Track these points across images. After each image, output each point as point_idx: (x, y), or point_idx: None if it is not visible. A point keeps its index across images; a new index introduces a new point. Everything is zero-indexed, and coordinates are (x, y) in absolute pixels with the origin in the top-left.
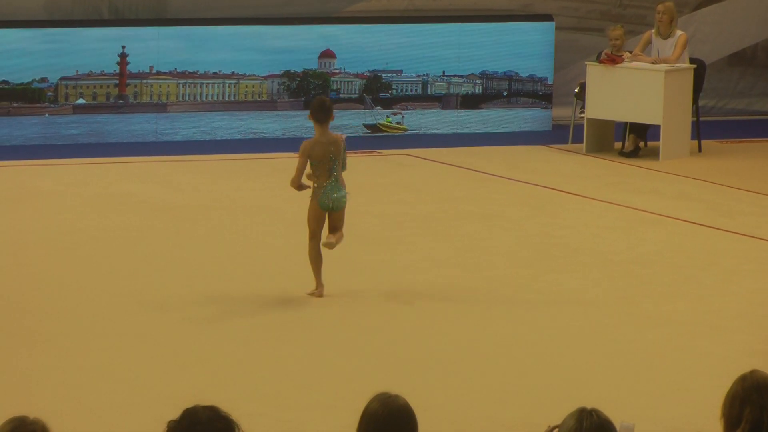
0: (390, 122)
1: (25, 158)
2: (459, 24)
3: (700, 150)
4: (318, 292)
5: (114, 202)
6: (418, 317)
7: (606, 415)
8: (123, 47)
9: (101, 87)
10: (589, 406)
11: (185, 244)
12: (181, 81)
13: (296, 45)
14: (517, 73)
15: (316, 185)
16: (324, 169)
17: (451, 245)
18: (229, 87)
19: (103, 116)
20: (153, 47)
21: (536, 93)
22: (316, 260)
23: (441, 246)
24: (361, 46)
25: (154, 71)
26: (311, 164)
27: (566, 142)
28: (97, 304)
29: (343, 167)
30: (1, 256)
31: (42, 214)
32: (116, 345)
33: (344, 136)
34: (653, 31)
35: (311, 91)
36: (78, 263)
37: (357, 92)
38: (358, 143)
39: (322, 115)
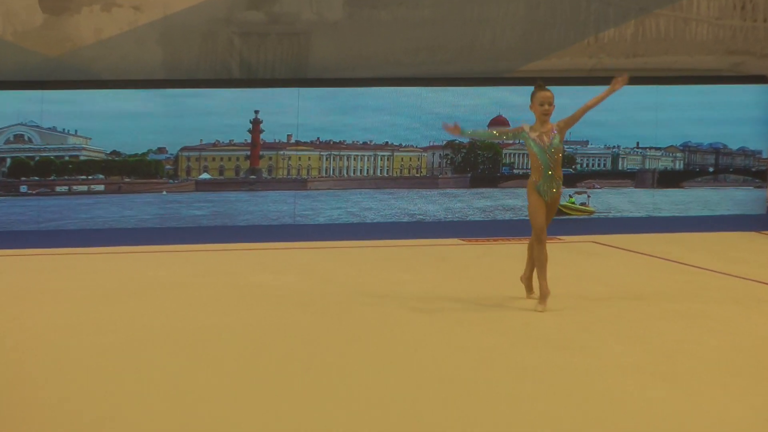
0: (574, 203)
1: (139, 243)
2: (656, 86)
3: None
4: (543, 303)
5: (246, 296)
6: None
7: None
8: (256, 112)
9: (229, 159)
10: None
11: (332, 344)
12: (325, 152)
13: (462, 110)
14: (725, 145)
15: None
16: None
17: (646, 350)
18: (381, 160)
19: (231, 194)
20: (292, 112)
21: (748, 169)
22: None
23: (633, 351)
24: None
25: (292, 141)
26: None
27: None
28: (229, 413)
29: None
30: (119, 356)
31: (162, 308)
32: None
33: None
34: None
35: (479, 165)
36: (204, 365)
37: None
38: None
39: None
